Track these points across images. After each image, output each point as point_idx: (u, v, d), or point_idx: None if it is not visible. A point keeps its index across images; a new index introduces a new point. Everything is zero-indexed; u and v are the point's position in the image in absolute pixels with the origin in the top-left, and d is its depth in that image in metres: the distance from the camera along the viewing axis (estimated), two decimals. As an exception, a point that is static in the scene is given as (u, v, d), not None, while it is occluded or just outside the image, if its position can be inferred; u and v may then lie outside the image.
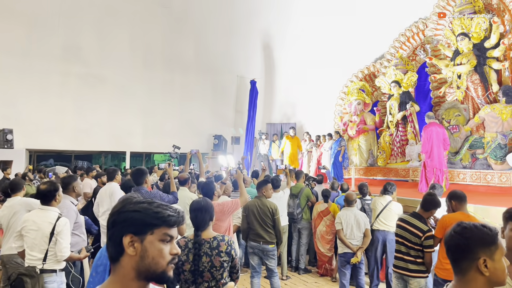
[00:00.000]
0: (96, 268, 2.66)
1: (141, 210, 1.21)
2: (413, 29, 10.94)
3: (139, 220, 1.20)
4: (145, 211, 1.21)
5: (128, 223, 1.19)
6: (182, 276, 2.83)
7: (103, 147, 13.92)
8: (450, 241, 1.60)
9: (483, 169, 8.47)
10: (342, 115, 12.39)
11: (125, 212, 1.21)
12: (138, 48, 14.02)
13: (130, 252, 1.18)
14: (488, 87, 8.87)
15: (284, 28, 14.13)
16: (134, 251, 1.18)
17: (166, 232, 1.22)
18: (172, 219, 1.23)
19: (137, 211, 1.21)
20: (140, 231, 1.19)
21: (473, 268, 1.53)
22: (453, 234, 1.60)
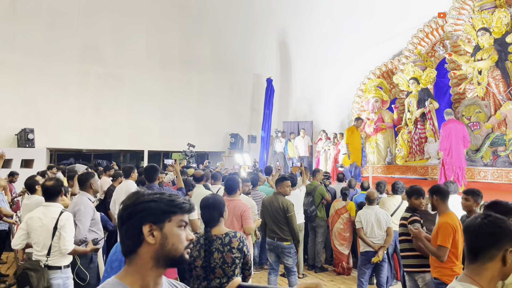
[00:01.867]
0: (111, 263, 2.70)
1: (157, 200, 1.26)
2: (432, 25, 10.73)
3: (157, 209, 1.24)
4: (161, 201, 1.26)
5: (147, 213, 1.24)
6: (194, 272, 2.84)
7: (121, 146, 14.12)
8: (481, 229, 1.65)
9: (505, 167, 8.24)
10: (360, 112, 12.25)
11: (142, 203, 1.25)
12: (156, 48, 14.16)
13: (150, 240, 1.22)
14: (510, 82, 8.63)
15: (301, 25, 14.05)
16: (154, 240, 1.23)
17: (182, 218, 1.28)
18: (186, 206, 1.29)
19: (154, 201, 1.26)
20: (159, 219, 1.24)
21: (498, 257, 1.61)
22: (486, 222, 1.66)
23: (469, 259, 1.69)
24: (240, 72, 14.97)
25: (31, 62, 12.29)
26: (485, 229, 1.65)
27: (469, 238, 1.71)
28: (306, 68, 14.12)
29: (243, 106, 15.27)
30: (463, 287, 1.63)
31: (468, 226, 1.72)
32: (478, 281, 1.62)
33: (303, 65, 14.30)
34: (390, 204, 5.63)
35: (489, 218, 1.67)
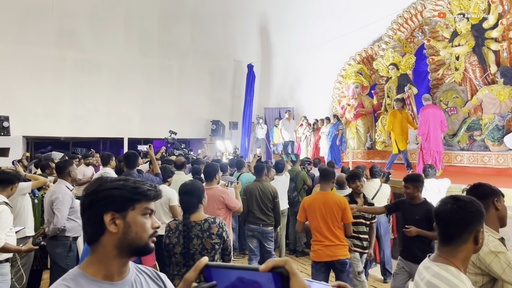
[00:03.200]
0: (87, 252, 2.68)
1: (120, 187, 1.20)
2: (411, 11, 10.79)
3: (119, 197, 1.19)
4: (124, 188, 1.21)
5: (109, 201, 1.19)
6: (173, 259, 2.84)
7: (101, 134, 13.90)
8: (452, 216, 1.68)
9: (480, 151, 8.46)
10: (340, 98, 12.32)
11: (104, 190, 1.20)
12: (134, 34, 13.89)
13: (112, 229, 1.18)
14: (486, 68, 8.79)
15: (281, 11, 13.97)
16: (116, 229, 1.18)
17: (147, 206, 1.23)
18: (151, 193, 1.24)
19: (116, 188, 1.20)
20: (121, 207, 1.19)
21: (470, 238, 1.66)
22: (456, 208, 1.68)
23: (442, 243, 1.73)
24: (221, 58, 14.84)
25: (4, 48, 11.91)
26: (456, 215, 1.68)
27: (441, 225, 1.73)
28: (287, 54, 14.08)
29: (224, 93, 15.17)
30: (439, 267, 1.67)
31: (438, 212, 1.74)
32: (453, 261, 1.66)
33: (284, 51, 14.26)
34: (370, 188, 5.69)
35: (459, 203, 1.70)
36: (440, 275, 1.63)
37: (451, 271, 1.63)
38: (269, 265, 0.70)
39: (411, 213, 4.01)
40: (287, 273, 0.70)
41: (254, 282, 0.71)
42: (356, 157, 11.18)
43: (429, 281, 1.67)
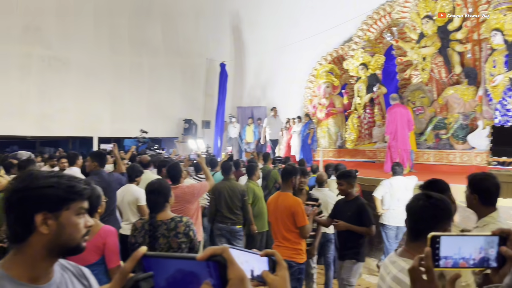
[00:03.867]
0: None
1: (54, 185, 1.13)
2: (380, 12, 11.01)
3: (53, 196, 1.12)
4: (59, 186, 1.13)
5: (41, 200, 1.11)
6: None
7: (69, 133, 13.60)
8: (423, 212, 1.71)
9: (446, 149, 8.71)
10: (312, 98, 12.45)
11: (36, 188, 1.11)
12: (104, 30, 13.60)
13: (44, 230, 1.11)
14: (452, 69, 9.07)
15: (254, 9, 13.97)
16: (47, 229, 1.11)
17: (82, 205, 1.17)
18: (86, 192, 1.19)
19: (50, 187, 1.12)
20: (55, 207, 1.12)
21: None
22: (428, 205, 1.71)
23: (410, 238, 1.76)
24: (193, 56, 14.72)
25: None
26: (427, 212, 1.71)
27: (411, 220, 1.77)
28: (260, 53, 14.09)
29: (197, 91, 15.07)
30: (405, 262, 1.69)
31: (410, 208, 1.77)
32: None
33: (256, 50, 14.27)
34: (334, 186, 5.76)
35: (431, 200, 1.73)
36: (406, 270, 1.66)
37: None
38: (206, 253, 0.69)
39: (344, 210, 4.04)
40: (224, 262, 0.70)
41: (191, 273, 0.70)
42: (327, 156, 11.31)
43: (396, 276, 1.70)
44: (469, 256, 0.95)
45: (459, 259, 0.96)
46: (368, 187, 6.39)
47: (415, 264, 1.01)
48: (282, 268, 0.87)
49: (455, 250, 0.96)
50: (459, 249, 0.96)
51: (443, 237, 0.98)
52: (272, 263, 0.88)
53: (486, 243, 0.96)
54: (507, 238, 0.96)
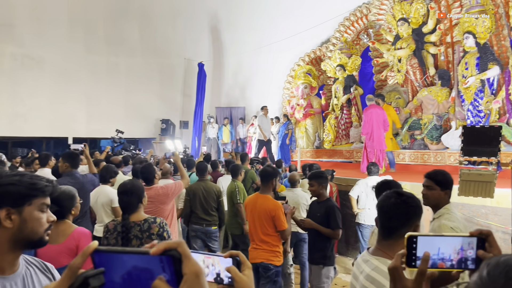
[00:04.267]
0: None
1: (17, 183, 1.22)
2: (357, 14, 11.15)
3: (16, 193, 1.21)
4: (21, 183, 1.23)
5: (5, 197, 1.20)
6: None
7: (43, 133, 13.25)
8: (395, 210, 1.71)
9: (420, 149, 8.88)
10: (290, 98, 12.52)
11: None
12: (79, 29, 13.33)
13: (7, 225, 1.19)
14: (426, 70, 9.26)
15: (232, 10, 13.95)
16: (11, 224, 1.20)
17: (44, 201, 1.26)
18: (48, 189, 1.27)
19: (13, 184, 1.21)
20: (18, 203, 1.21)
21: (410, 231, 1.67)
22: (399, 202, 1.72)
23: (383, 236, 1.76)
24: (171, 56, 14.59)
25: None
26: (399, 209, 1.72)
27: (383, 218, 1.77)
28: (238, 53, 14.09)
29: (175, 91, 14.94)
30: (378, 261, 1.70)
31: (382, 206, 1.78)
32: (392, 255, 1.66)
33: (235, 50, 14.25)
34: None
35: (402, 198, 1.74)
36: (380, 269, 1.66)
37: None
38: (160, 248, 0.67)
39: (315, 211, 4.04)
40: (179, 256, 0.67)
41: (146, 269, 0.68)
42: (305, 156, 11.40)
43: (369, 275, 1.70)
44: (447, 257, 0.95)
45: (437, 260, 0.95)
46: (345, 187, 6.45)
47: (396, 264, 1.00)
48: (247, 268, 0.90)
49: (433, 250, 0.95)
50: (438, 249, 0.95)
51: (420, 237, 0.97)
52: (236, 264, 0.89)
53: (465, 244, 0.96)
54: (486, 240, 0.96)
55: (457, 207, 5.57)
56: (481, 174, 3.72)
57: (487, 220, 5.27)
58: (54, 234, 2.63)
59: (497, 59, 7.65)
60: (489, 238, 0.96)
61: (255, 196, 3.96)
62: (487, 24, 7.57)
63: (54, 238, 2.63)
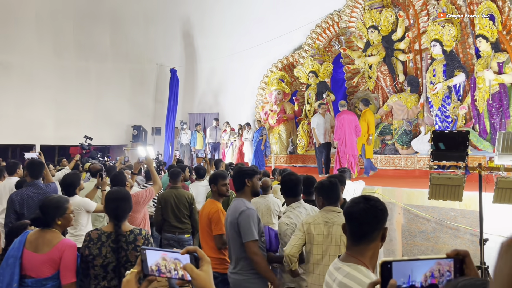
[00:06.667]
0: (7, 259, 2.56)
1: None
2: (329, 21, 11.32)
3: None
4: None
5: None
6: (92, 271, 2.66)
7: (9, 140, 12.82)
8: (365, 215, 1.70)
9: (391, 154, 9.07)
10: (263, 104, 12.56)
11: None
12: (47, 33, 13.01)
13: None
14: (396, 77, 9.49)
15: (205, 16, 13.92)
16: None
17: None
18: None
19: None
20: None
21: (379, 236, 1.72)
22: (368, 207, 1.72)
23: (352, 242, 1.75)
24: (143, 61, 14.42)
25: None
26: (370, 214, 1.71)
27: (353, 224, 1.75)
28: (211, 59, 14.04)
29: (146, 97, 14.75)
30: (350, 267, 1.69)
31: (351, 212, 1.76)
32: (362, 260, 1.69)
33: (208, 56, 14.21)
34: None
35: (370, 202, 1.74)
36: (352, 275, 1.65)
37: (361, 271, 1.66)
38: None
39: None
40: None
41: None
42: (278, 162, 11.44)
43: (341, 282, 1.68)
44: (418, 284, 0.89)
45: (410, 285, 0.89)
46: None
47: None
48: (206, 263, 1.01)
49: (405, 276, 0.90)
50: (408, 276, 0.89)
51: (395, 263, 0.91)
52: (194, 260, 1.02)
53: (442, 266, 0.91)
54: (463, 261, 0.93)
55: (427, 211, 5.72)
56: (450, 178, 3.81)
57: (456, 223, 5.42)
58: (40, 243, 2.56)
59: (462, 66, 7.92)
60: (466, 259, 0.94)
61: (206, 202, 3.87)
62: (453, 32, 7.83)
63: (40, 247, 2.55)
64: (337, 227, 2.86)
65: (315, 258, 2.90)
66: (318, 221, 2.93)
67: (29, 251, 2.55)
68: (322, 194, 3.07)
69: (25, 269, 2.53)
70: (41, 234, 2.60)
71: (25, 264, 2.53)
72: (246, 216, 3.09)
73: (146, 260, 1.08)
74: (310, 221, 2.96)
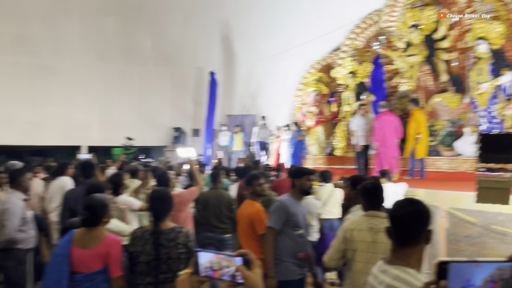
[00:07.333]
0: (55, 258, 2.71)
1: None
2: (368, 21, 11.16)
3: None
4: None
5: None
6: (137, 267, 2.78)
7: (57, 142, 13.44)
8: (411, 218, 1.73)
9: (433, 156, 8.82)
10: (301, 106, 12.53)
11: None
12: (92, 38, 13.53)
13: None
14: (438, 77, 9.23)
15: (243, 19, 14.04)
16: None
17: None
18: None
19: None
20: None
21: (424, 238, 1.73)
22: (415, 210, 1.74)
23: (399, 245, 1.76)
24: (183, 65, 14.73)
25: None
26: (415, 217, 1.74)
27: (400, 227, 1.77)
28: (249, 61, 14.15)
29: (186, 100, 15.06)
30: (398, 270, 1.70)
31: (398, 215, 1.78)
32: (410, 262, 1.71)
33: (246, 58, 14.33)
34: (323, 193, 5.76)
35: (416, 205, 1.76)
36: (401, 278, 1.66)
37: (410, 273, 1.67)
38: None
39: None
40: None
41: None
42: (316, 163, 11.38)
43: (390, 285, 1.69)
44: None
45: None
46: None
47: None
48: (257, 266, 1.05)
49: (463, 279, 0.84)
50: (470, 275, 0.84)
51: (452, 264, 0.86)
52: (246, 263, 1.06)
53: (501, 271, 0.85)
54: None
55: (473, 214, 5.53)
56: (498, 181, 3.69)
57: (504, 227, 5.22)
58: (87, 240, 2.71)
59: (510, 66, 7.60)
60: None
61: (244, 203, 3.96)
62: (500, 29, 7.54)
63: (87, 243, 2.70)
64: (384, 235, 2.78)
65: (358, 266, 2.78)
66: (361, 227, 2.82)
67: (78, 248, 2.69)
68: (364, 197, 3.00)
69: (75, 266, 2.67)
70: (87, 231, 2.75)
71: (74, 261, 2.67)
72: (274, 205, 3.47)
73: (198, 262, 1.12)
74: (353, 227, 2.86)
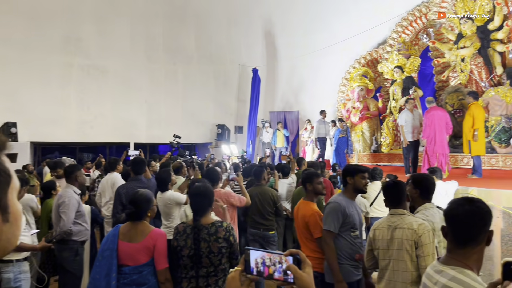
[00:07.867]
0: (102, 252, 2.80)
1: None
2: (416, 13, 10.79)
3: None
4: None
5: None
6: (181, 261, 2.84)
7: (107, 139, 13.98)
8: (472, 218, 1.67)
9: (487, 153, 8.38)
10: (345, 101, 12.31)
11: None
12: (140, 39, 13.98)
13: None
14: (492, 70, 8.77)
15: (286, 14, 14.00)
16: None
17: None
18: None
19: None
20: None
21: (485, 239, 1.67)
22: (474, 209, 1.68)
23: (457, 245, 1.69)
24: (226, 62, 14.90)
25: (12, 54, 12.01)
26: (476, 216, 1.67)
27: (458, 226, 1.70)
28: (292, 57, 14.08)
29: (229, 97, 15.22)
30: (455, 271, 1.64)
31: (456, 214, 1.71)
32: (468, 264, 1.65)
33: (288, 54, 14.27)
34: (371, 190, 5.63)
35: (476, 204, 1.69)
36: (458, 279, 1.61)
37: (468, 275, 1.61)
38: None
39: None
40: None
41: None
42: (362, 160, 11.16)
43: (446, 285, 1.64)
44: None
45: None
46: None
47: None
48: (308, 266, 1.04)
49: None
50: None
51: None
52: (296, 262, 1.05)
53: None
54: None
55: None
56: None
57: None
58: (133, 233, 2.80)
59: None
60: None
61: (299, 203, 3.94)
62: (562, 18, 7.05)
63: (134, 237, 2.80)
64: (400, 230, 2.79)
65: (382, 263, 2.88)
66: (382, 225, 2.91)
67: (124, 242, 2.78)
68: (385, 196, 3.04)
69: (122, 259, 2.76)
70: (133, 226, 2.84)
71: (121, 254, 2.76)
72: (329, 207, 3.39)
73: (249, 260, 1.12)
74: (375, 227, 2.96)
